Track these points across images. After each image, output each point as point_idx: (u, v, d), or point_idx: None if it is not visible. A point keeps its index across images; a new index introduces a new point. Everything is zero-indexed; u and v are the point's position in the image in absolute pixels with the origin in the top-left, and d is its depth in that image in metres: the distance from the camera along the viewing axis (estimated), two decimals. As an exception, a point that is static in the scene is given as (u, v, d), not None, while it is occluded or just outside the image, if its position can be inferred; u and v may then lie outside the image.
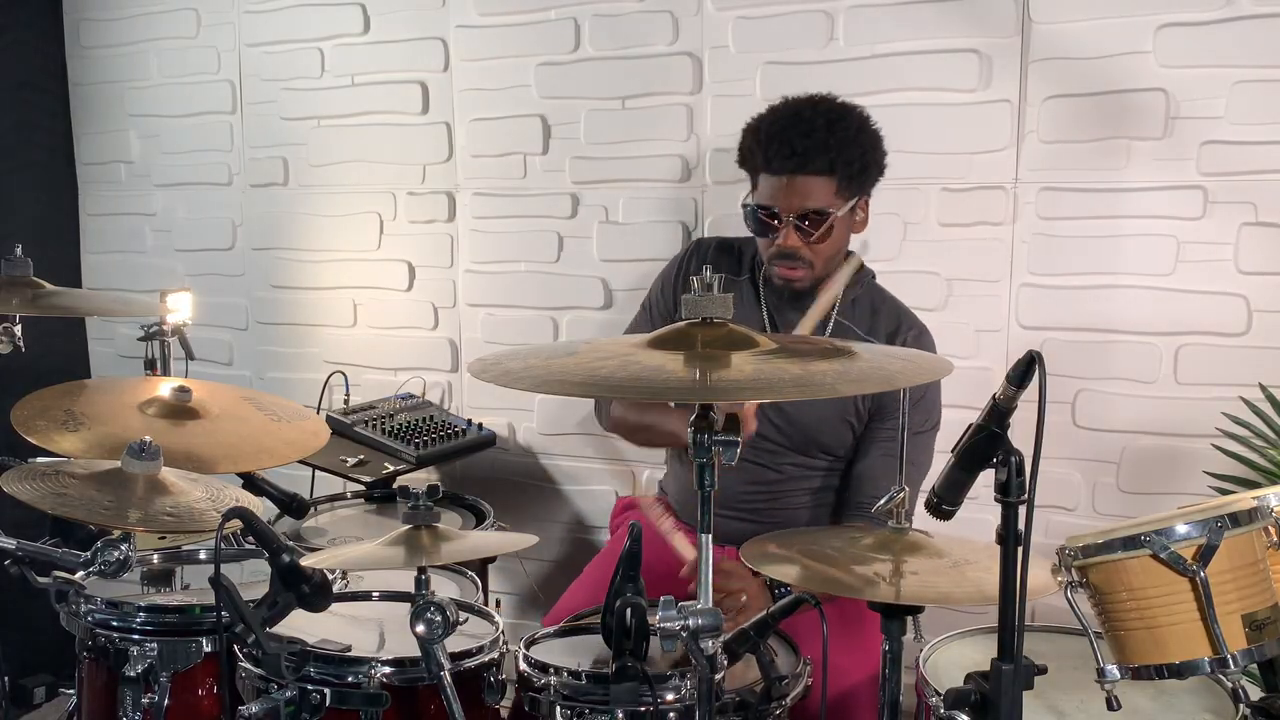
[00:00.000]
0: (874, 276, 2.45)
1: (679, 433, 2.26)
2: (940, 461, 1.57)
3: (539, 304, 3.18)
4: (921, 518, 1.70)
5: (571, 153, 3.08)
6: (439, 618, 1.69)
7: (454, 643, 1.77)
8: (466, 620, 1.92)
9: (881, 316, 2.37)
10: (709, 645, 1.46)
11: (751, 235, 2.40)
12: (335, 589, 1.82)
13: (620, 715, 1.72)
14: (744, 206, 2.29)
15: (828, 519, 2.41)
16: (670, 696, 1.72)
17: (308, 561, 1.73)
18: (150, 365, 2.84)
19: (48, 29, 3.78)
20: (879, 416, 2.32)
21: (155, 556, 2.31)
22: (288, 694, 1.76)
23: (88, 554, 1.97)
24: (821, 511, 2.41)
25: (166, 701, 1.97)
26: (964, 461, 1.50)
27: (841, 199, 2.22)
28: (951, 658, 1.87)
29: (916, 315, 2.41)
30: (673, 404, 2.45)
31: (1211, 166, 2.45)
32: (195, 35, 3.58)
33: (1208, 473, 2.40)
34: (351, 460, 2.79)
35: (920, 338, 2.35)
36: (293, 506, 2.47)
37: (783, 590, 2.11)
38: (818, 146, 2.17)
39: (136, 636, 1.99)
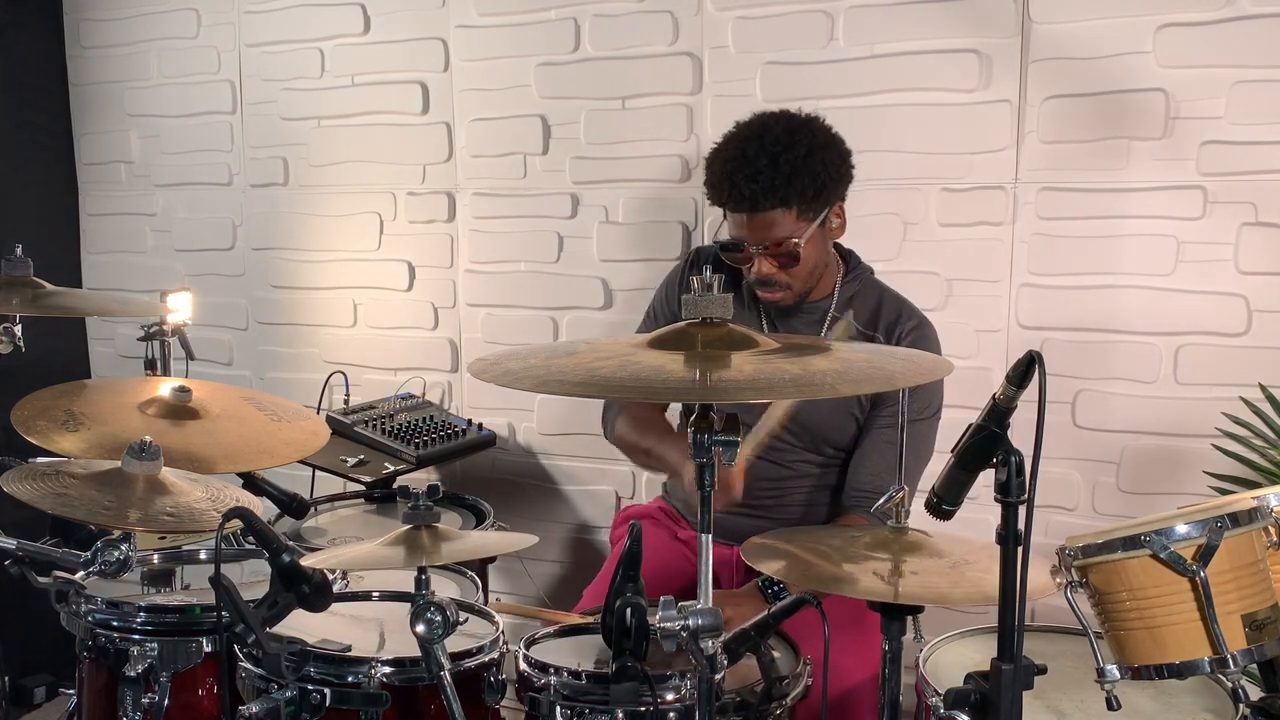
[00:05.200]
0: (873, 272, 2.45)
1: (676, 465, 2.27)
2: (941, 461, 1.57)
3: (539, 304, 3.18)
4: (922, 517, 1.70)
5: (571, 153, 3.08)
6: (439, 618, 1.69)
7: (454, 643, 1.76)
8: (466, 620, 1.92)
9: (882, 309, 2.38)
10: (709, 645, 1.46)
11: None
12: (335, 589, 1.82)
13: (620, 715, 1.72)
14: (715, 242, 2.30)
15: (831, 510, 2.41)
16: (670, 696, 1.72)
17: (308, 561, 1.73)
18: (150, 365, 2.84)
19: (48, 29, 3.78)
20: (878, 404, 2.33)
21: (155, 556, 2.31)
22: (288, 694, 1.76)
23: (88, 554, 1.97)
24: (825, 505, 2.42)
25: (166, 701, 1.97)
26: (964, 461, 1.50)
27: (806, 221, 2.22)
28: (951, 658, 1.87)
29: (917, 308, 2.41)
30: (676, 425, 2.45)
31: (1211, 166, 2.45)
32: (195, 35, 3.59)
33: (1208, 473, 2.40)
34: (351, 460, 2.80)
35: (920, 328, 2.36)
36: (293, 506, 2.46)
37: (777, 589, 2.12)
38: (765, 188, 2.17)
39: (136, 636, 1.99)
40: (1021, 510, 1.39)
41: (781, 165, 2.17)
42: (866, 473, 2.31)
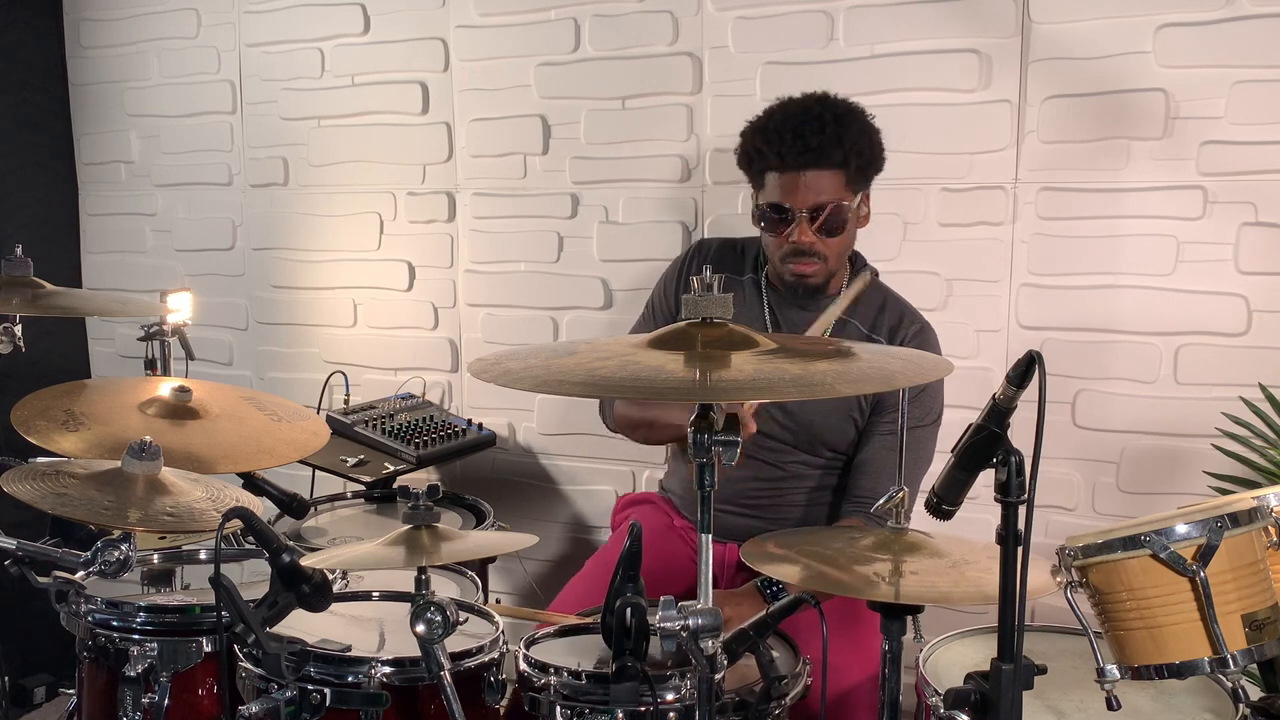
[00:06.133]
0: (878, 275, 2.45)
1: (682, 423, 2.26)
2: (941, 461, 1.57)
3: (539, 304, 3.18)
4: (921, 517, 1.70)
5: (571, 153, 3.08)
6: (439, 618, 1.68)
7: (454, 643, 1.76)
8: (466, 620, 1.92)
9: (885, 313, 2.38)
10: (709, 645, 1.46)
11: (753, 235, 2.41)
12: (335, 589, 1.82)
13: (620, 715, 1.72)
14: (756, 207, 2.29)
15: (829, 514, 2.41)
16: (670, 696, 1.72)
17: (308, 561, 1.73)
18: (150, 365, 2.84)
19: (48, 29, 3.78)
20: (879, 410, 2.33)
21: (155, 556, 2.31)
22: (288, 694, 1.76)
23: (88, 554, 1.97)
24: (823, 507, 2.42)
25: (166, 701, 1.96)
26: (964, 461, 1.50)
27: (851, 192, 2.25)
28: (951, 658, 1.87)
29: (920, 312, 2.41)
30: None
31: (1211, 166, 2.45)
32: (195, 35, 3.59)
33: (1208, 473, 2.40)
34: (351, 460, 2.79)
35: (922, 333, 2.36)
36: (293, 506, 2.46)
37: (776, 590, 2.12)
38: (832, 140, 2.19)
39: (136, 636, 1.98)
40: (1021, 510, 1.39)
41: (846, 125, 2.22)
42: (869, 482, 2.31)
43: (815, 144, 2.19)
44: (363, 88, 3.34)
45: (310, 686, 1.77)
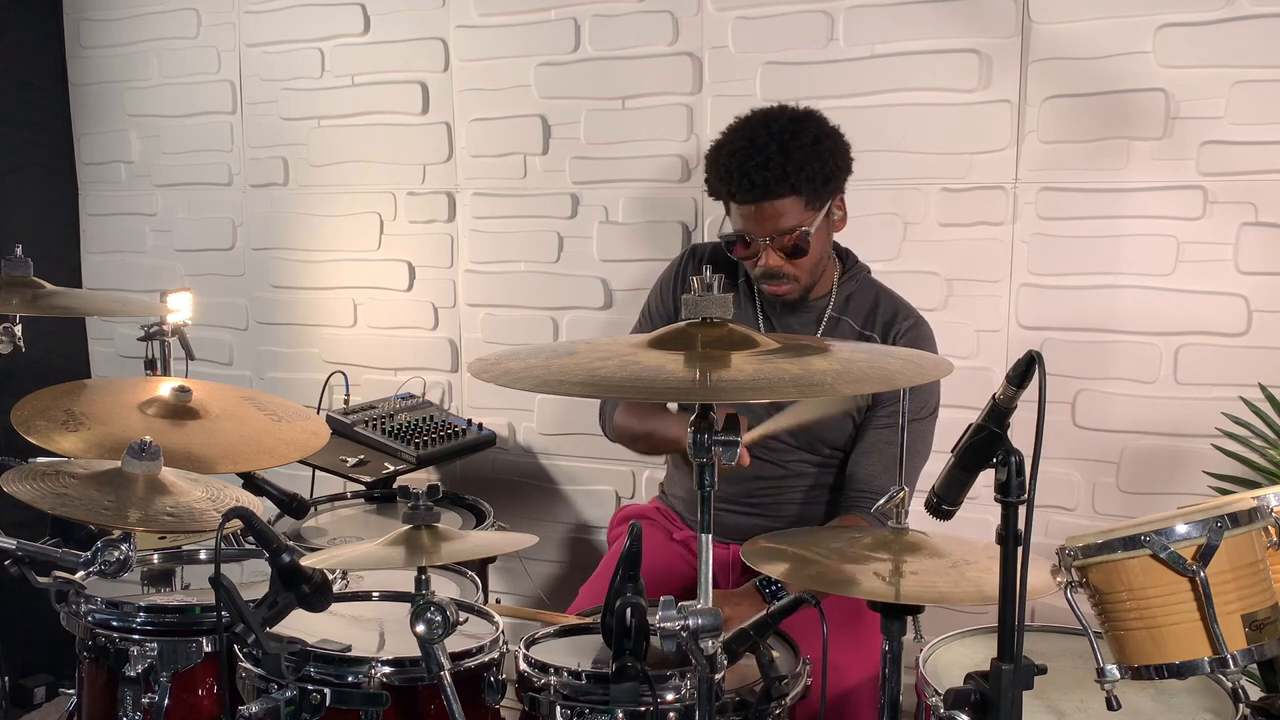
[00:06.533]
0: (869, 271, 2.45)
1: (680, 438, 2.27)
2: (940, 461, 1.57)
3: (539, 304, 3.18)
4: (922, 518, 1.69)
5: (571, 153, 3.08)
6: (439, 618, 1.69)
7: (454, 643, 1.76)
8: (466, 620, 1.92)
9: (879, 310, 2.38)
10: (709, 645, 1.46)
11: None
12: (335, 589, 1.82)
13: (620, 715, 1.72)
14: (720, 237, 2.30)
15: (827, 509, 2.41)
16: (670, 696, 1.72)
17: (308, 561, 1.73)
18: (150, 365, 2.84)
19: (48, 29, 3.78)
20: (876, 404, 2.33)
21: (155, 556, 2.31)
22: (288, 694, 1.76)
23: (88, 554, 1.97)
24: (822, 504, 2.42)
25: (166, 701, 1.97)
26: (964, 461, 1.49)
27: (813, 211, 2.23)
28: (951, 658, 1.87)
29: (914, 307, 2.41)
30: (674, 408, 2.45)
31: (1211, 166, 2.45)
32: (195, 35, 3.59)
33: (1208, 473, 2.40)
34: (351, 460, 2.79)
35: (916, 327, 2.36)
36: (293, 506, 2.47)
37: (776, 590, 2.12)
38: (776, 174, 2.17)
39: (136, 636, 1.98)
40: (1021, 510, 1.39)
41: (792, 152, 2.17)
42: (865, 473, 2.32)
43: (760, 179, 2.17)
44: (363, 88, 3.34)
45: (310, 686, 1.78)
